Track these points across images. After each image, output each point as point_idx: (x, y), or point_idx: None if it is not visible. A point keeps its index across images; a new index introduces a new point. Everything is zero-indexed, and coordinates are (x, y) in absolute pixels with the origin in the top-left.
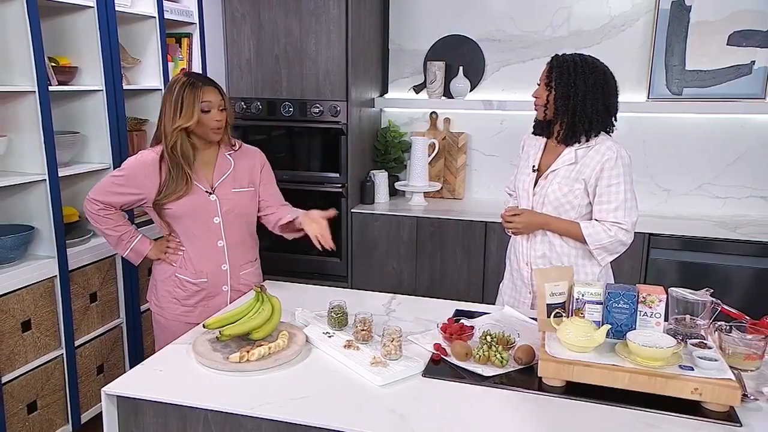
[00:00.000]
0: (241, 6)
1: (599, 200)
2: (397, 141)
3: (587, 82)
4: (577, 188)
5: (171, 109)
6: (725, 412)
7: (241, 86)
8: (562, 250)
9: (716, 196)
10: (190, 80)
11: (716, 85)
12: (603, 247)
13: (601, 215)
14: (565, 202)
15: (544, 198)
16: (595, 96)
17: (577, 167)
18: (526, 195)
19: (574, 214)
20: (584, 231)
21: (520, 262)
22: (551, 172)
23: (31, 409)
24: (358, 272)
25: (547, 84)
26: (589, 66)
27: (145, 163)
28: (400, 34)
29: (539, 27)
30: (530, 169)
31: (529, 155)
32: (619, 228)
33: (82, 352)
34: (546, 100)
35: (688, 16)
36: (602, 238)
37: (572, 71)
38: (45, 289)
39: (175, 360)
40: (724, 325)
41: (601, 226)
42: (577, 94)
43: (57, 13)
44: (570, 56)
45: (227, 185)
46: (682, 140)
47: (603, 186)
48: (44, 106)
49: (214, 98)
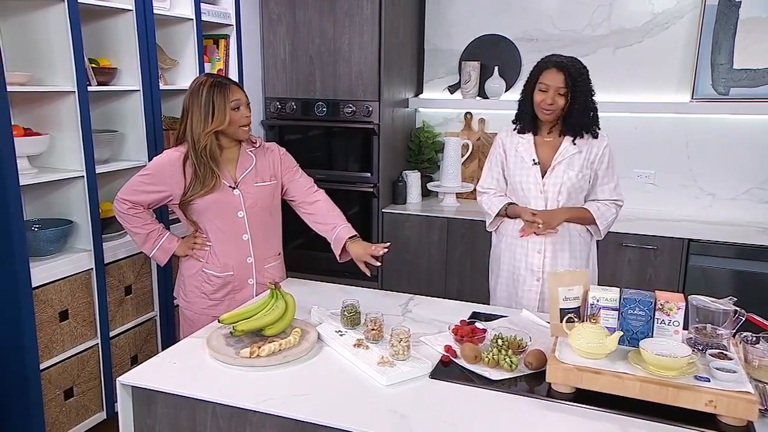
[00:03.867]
0: (277, 8)
1: (601, 181)
2: (430, 141)
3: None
4: (586, 173)
5: (201, 112)
6: (743, 427)
7: (277, 86)
8: (573, 233)
9: (764, 201)
10: (216, 81)
11: (766, 85)
12: (608, 224)
13: (604, 195)
14: (578, 187)
15: (561, 186)
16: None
17: (583, 155)
18: (535, 188)
19: (581, 199)
20: (594, 213)
21: (529, 250)
22: (560, 163)
23: (68, 395)
24: (389, 272)
25: (564, 94)
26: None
27: (171, 162)
28: (435, 33)
29: (578, 25)
30: (530, 164)
31: (517, 152)
32: (616, 204)
33: (117, 343)
34: (562, 109)
35: (737, 12)
36: (608, 216)
37: (585, 77)
38: (82, 281)
39: (190, 353)
40: (751, 336)
41: (605, 206)
42: (592, 95)
43: (98, 16)
44: (575, 61)
45: (250, 180)
46: (728, 142)
47: (603, 168)
48: (83, 106)
49: (241, 95)
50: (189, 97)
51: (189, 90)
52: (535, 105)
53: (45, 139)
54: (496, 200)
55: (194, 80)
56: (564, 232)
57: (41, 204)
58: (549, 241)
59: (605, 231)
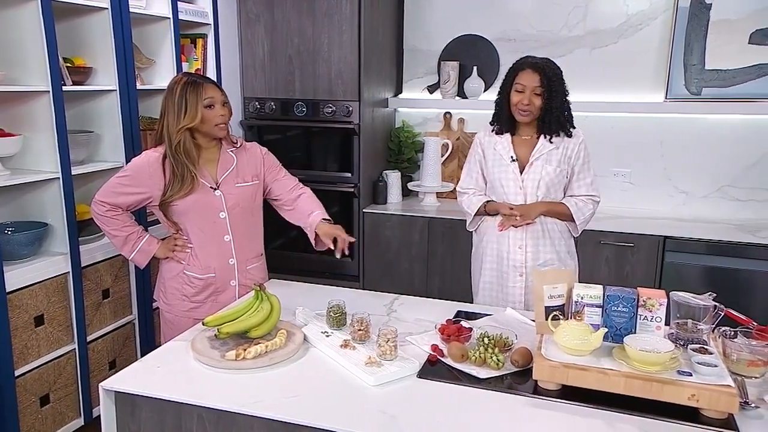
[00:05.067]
0: (255, 7)
1: (577, 177)
2: (410, 141)
3: (564, 83)
4: (564, 169)
5: (174, 109)
6: (724, 420)
7: (255, 86)
8: (552, 227)
9: (736, 198)
10: (191, 79)
11: (737, 85)
12: (585, 219)
13: (580, 191)
14: (557, 182)
15: (539, 181)
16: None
17: (560, 150)
18: (514, 184)
19: (559, 194)
20: (572, 208)
21: (511, 246)
22: (537, 159)
23: (44, 402)
24: (370, 272)
25: (540, 93)
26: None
27: (150, 162)
28: (414, 34)
29: (555, 26)
30: (508, 161)
31: (495, 150)
32: (593, 200)
33: (95, 348)
34: (539, 109)
35: (708, 14)
36: (585, 211)
37: (560, 78)
38: (58, 285)
39: (174, 357)
40: (729, 331)
41: (582, 201)
42: (566, 96)
43: (72, 14)
44: (550, 62)
45: (231, 180)
46: (701, 141)
47: (579, 164)
48: (58, 106)
49: (216, 94)
50: (165, 95)
51: (166, 89)
52: (512, 106)
53: (18, 139)
54: (475, 199)
55: (172, 79)
56: (544, 227)
57: (15, 206)
58: (530, 236)
59: (582, 227)
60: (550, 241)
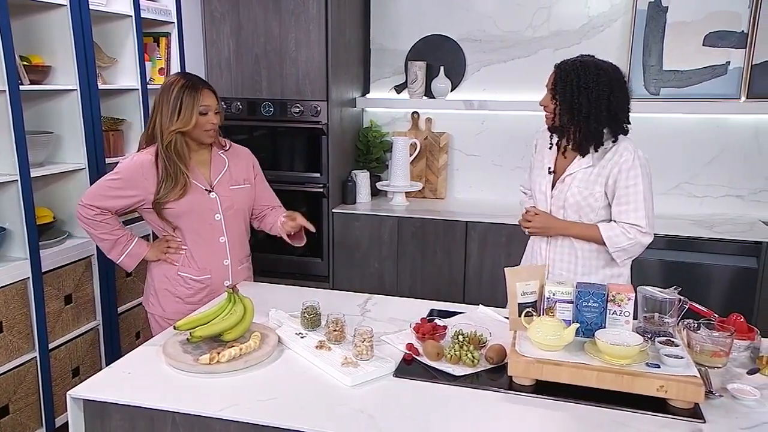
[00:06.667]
0: (220, 5)
1: (618, 202)
2: (378, 141)
3: (590, 97)
4: (597, 191)
5: (169, 110)
6: (690, 409)
7: (221, 86)
8: (583, 254)
9: (693, 195)
10: (190, 82)
11: (693, 86)
12: (623, 249)
13: (621, 217)
14: (585, 205)
15: (564, 202)
16: (599, 110)
17: (595, 170)
18: (544, 197)
19: (594, 217)
20: (603, 234)
21: (539, 261)
22: (569, 176)
23: (3, 413)
24: (340, 272)
25: (552, 95)
26: (592, 78)
27: (142, 164)
28: (381, 33)
29: (519, 27)
30: (545, 171)
31: (543, 155)
32: (638, 231)
33: (57, 355)
34: (553, 111)
35: (664, 16)
36: (621, 240)
37: (575, 86)
38: (17, 291)
39: (144, 362)
40: (692, 323)
41: (620, 228)
42: (581, 111)
43: (29, 11)
44: (573, 67)
45: (225, 183)
46: (660, 140)
47: (621, 188)
48: (15, 106)
49: (212, 102)
50: (160, 92)
51: (161, 86)
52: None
53: None
54: (527, 200)
55: (168, 77)
56: (571, 248)
57: None
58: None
59: (620, 256)
60: (581, 261)
